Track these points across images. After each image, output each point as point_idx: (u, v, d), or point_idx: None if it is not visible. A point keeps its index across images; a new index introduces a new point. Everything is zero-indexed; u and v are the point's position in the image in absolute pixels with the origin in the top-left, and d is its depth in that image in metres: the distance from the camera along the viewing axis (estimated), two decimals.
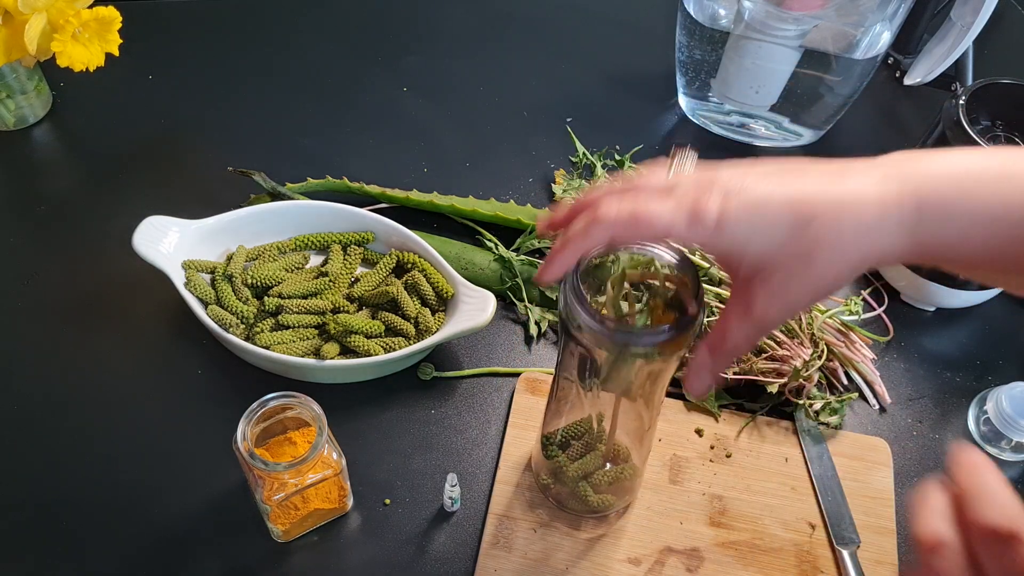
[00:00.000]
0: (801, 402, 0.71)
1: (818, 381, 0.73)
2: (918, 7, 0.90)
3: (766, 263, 0.41)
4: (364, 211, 0.78)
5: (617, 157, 0.89)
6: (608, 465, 0.62)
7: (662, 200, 0.42)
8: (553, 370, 0.62)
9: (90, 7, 0.79)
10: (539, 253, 0.81)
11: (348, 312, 0.73)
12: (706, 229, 0.41)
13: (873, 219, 0.40)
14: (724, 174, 0.43)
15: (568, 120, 0.94)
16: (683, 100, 0.96)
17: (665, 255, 0.50)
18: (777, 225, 0.41)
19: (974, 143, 0.71)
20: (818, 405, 0.71)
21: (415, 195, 0.83)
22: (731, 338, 0.44)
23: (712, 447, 0.71)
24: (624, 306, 0.51)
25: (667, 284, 0.50)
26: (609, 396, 0.56)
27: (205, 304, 0.72)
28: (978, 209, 0.39)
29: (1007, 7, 1.11)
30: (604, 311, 0.51)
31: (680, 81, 0.95)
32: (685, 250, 0.50)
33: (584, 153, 0.89)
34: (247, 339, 0.71)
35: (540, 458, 0.65)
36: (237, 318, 0.72)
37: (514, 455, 0.69)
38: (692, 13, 0.87)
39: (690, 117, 0.96)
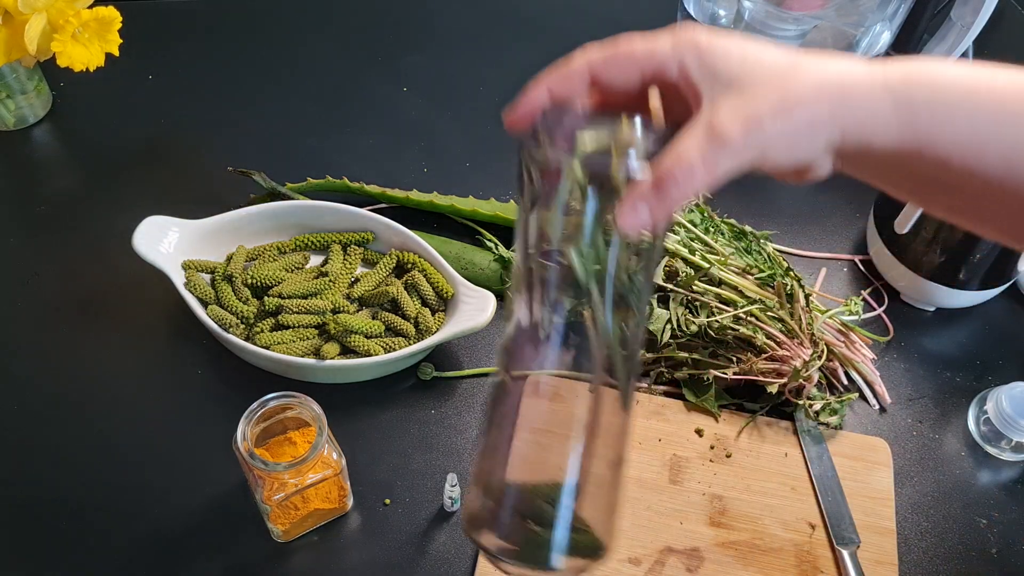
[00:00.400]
0: (801, 402, 0.71)
1: (818, 381, 0.73)
2: (918, 7, 0.90)
3: (738, 87, 0.38)
4: (364, 211, 0.78)
5: None
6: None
7: (644, 34, 0.41)
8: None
9: (90, 7, 0.79)
10: (540, 253, 0.80)
11: (348, 312, 0.73)
12: (692, 47, 0.39)
13: (862, 75, 0.38)
14: (714, 28, 0.41)
15: None
16: None
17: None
18: (758, 59, 0.38)
19: None
20: (818, 405, 0.71)
21: (415, 195, 0.83)
22: (684, 157, 0.37)
23: (712, 447, 0.71)
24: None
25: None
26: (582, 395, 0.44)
27: (205, 304, 0.72)
28: (964, 93, 0.38)
29: (1007, 7, 1.11)
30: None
31: None
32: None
33: None
34: (247, 339, 0.71)
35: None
36: (237, 318, 0.72)
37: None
38: (692, 13, 0.87)
39: None
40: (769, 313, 0.73)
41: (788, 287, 0.74)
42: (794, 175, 0.41)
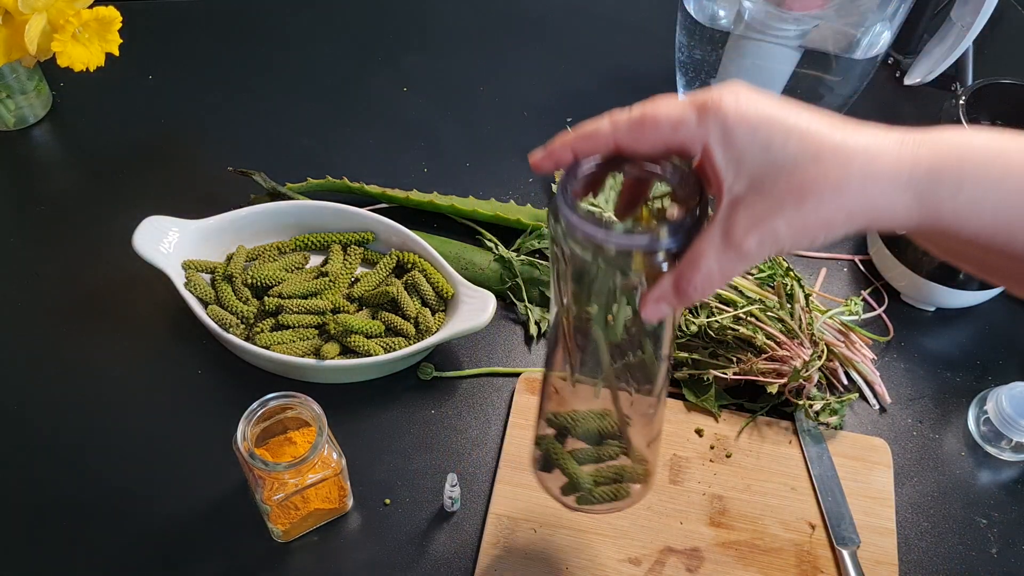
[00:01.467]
0: (801, 402, 0.71)
1: (818, 381, 0.73)
2: (918, 7, 0.90)
3: (758, 186, 0.39)
4: (364, 211, 0.78)
5: None
6: (622, 458, 0.57)
7: (674, 100, 0.41)
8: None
9: (90, 7, 0.79)
10: (539, 253, 0.81)
11: (348, 312, 0.73)
12: (717, 125, 0.39)
13: (884, 170, 0.38)
14: (743, 85, 0.40)
15: (568, 120, 0.94)
16: None
17: (668, 174, 0.45)
18: (784, 148, 0.38)
19: None
20: (818, 405, 0.71)
21: (415, 195, 0.83)
22: (703, 265, 0.40)
23: (712, 447, 0.71)
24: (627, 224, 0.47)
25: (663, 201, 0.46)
26: (609, 384, 0.52)
27: (205, 304, 0.72)
28: (994, 181, 0.37)
29: (1007, 7, 1.11)
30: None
31: (680, 81, 0.95)
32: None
33: None
34: (247, 339, 0.71)
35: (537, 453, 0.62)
36: (237, 318, 0.72)
37: (514, 455, 0.69)
38: (692, 13, 0.87)
39: None
40: (769, 313, 0.73)
41: (788, 287, 0.74)
42: None
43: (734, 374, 0.72)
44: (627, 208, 0.48)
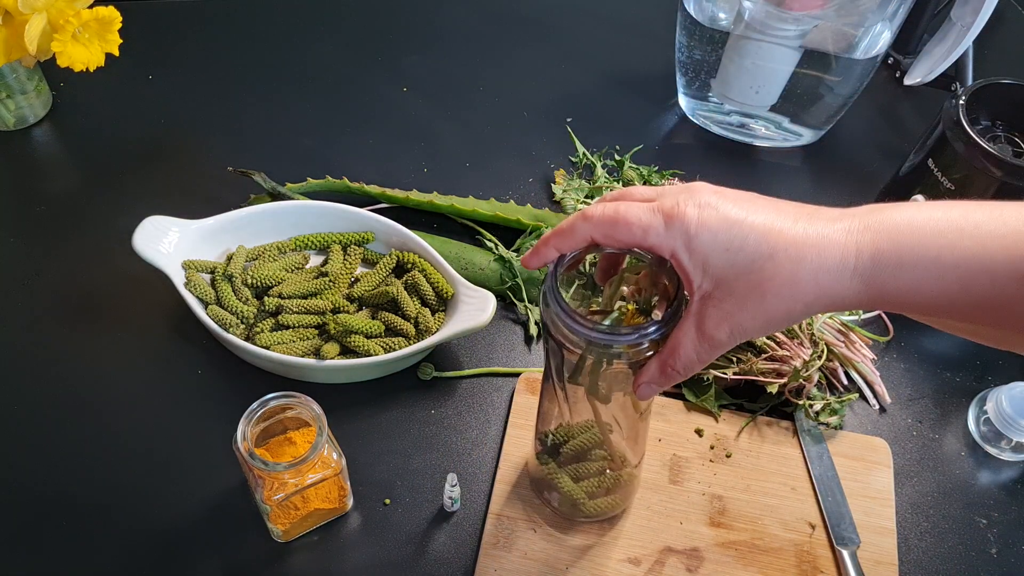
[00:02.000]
0: (801, 402, 0.71)
1: (818, 381, 0.73)
2: (918, 7, 0.90)
3: (723, 284, 0.44)
4: (364, 211, 0.78)
5: (617, 157, 0.89)
6: (607, 471, 0.62)
7: (643, 205, 0.45)
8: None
9: (90, 7, 0.79)
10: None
11: (348, 312, 0.73)
12: (682, 233, 0.43)
13: (832, 263, 0.42)
14: (704, 189, 0.45)
15: (568, 120, 0.94)
16: (683, 100, 0.96)
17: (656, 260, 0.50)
18: (743, 249, 0.43)
19: (974, 143, 0.71)
20: (818, 405, 0.71)
21: (415, 195, 0.83)
22: (682, 354, 0.46)
23: (712, 447, 0.71)
24: (619, 307, 0.51)
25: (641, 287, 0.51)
26: (591, 399, 0.55)
27: (205, 304, 0.72)
28: (931, 260, 0.41)
29: (1007, 7, 1.11)
30: (591, 308, 0.52)
31: (680, 81, 0.95)
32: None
33: (584, 153, 0.89)
34: (247, 339, 0.71)
35: (535, 463, 0.65)
36: (237, 318, 0.72)
37: (514, 455, 0.69)
38: (692, 13, 0.87)
39: (690, 117, 0.96)
40: None
41: None
42: None
43: (734, 374, 0.72)
44: (606, 274, 0.53)
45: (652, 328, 0.47)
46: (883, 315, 0.79)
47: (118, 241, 0.74)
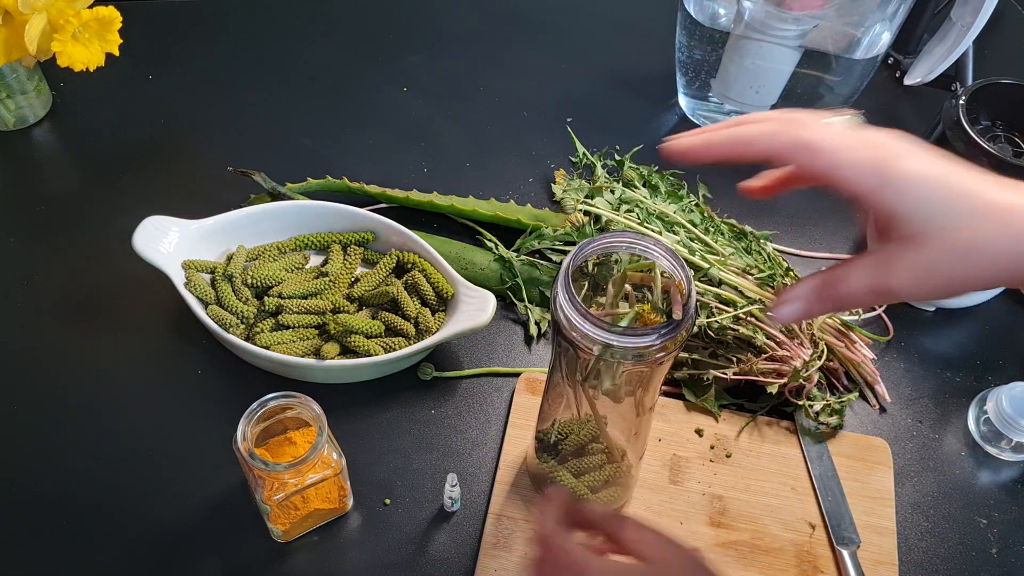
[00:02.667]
0: (801, 402, 0.71)
1: (818, 381, 0.73)
2: (918, 7, 0.90)
3: (923, 237, 0.41)
4: (364, 211, 0.78)
5: (617, 157, 0.89)
6: (605, 466, 0.62)
7: (843, 138, 0.43)
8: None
9: (90, 7, 0.79)
10: (539, 253, 0.81)
11: (348, 312, 0.73)
12: (886, 183, 0.41)
13: None
14: (903, 140, 0.42)
15: (568, 120, 0.94)
16: (683, 100, 0.96)
17: (663, 259, 0.50)
18: (951, 208, 0.41)
19: (974, 143, 0.71)
20: (818, 406, 0.71)
21: (415, 195, 0.83)
22: (851, 283, 0.43)
23: (712, 447, 0.71)
24: (624, 307, 0.51)
25: (660, 288, 0.51)
26: (599, 397, 0.55)
27: (205, 304, 0.72)
28: None
29: (1007, 7, 1.11)
30: (598, 309, 0.51)
31: (680, 81, 0.95)
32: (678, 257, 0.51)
33: (584, 153, 0.89)
34: (247, 339, 0.71)
35: (535, 461, 0.65)
36: (237, 318, 0.72)
37: (514, 455, 0.69)
38: (692, 13, 0.87)
39: (690, 117, 0.96)
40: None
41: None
42: None
43: (734, 374, 0.72)
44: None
45: (668, 328, 0.47)
46: (883, 315, 0.79)
47: (118, 241, 0.73)
